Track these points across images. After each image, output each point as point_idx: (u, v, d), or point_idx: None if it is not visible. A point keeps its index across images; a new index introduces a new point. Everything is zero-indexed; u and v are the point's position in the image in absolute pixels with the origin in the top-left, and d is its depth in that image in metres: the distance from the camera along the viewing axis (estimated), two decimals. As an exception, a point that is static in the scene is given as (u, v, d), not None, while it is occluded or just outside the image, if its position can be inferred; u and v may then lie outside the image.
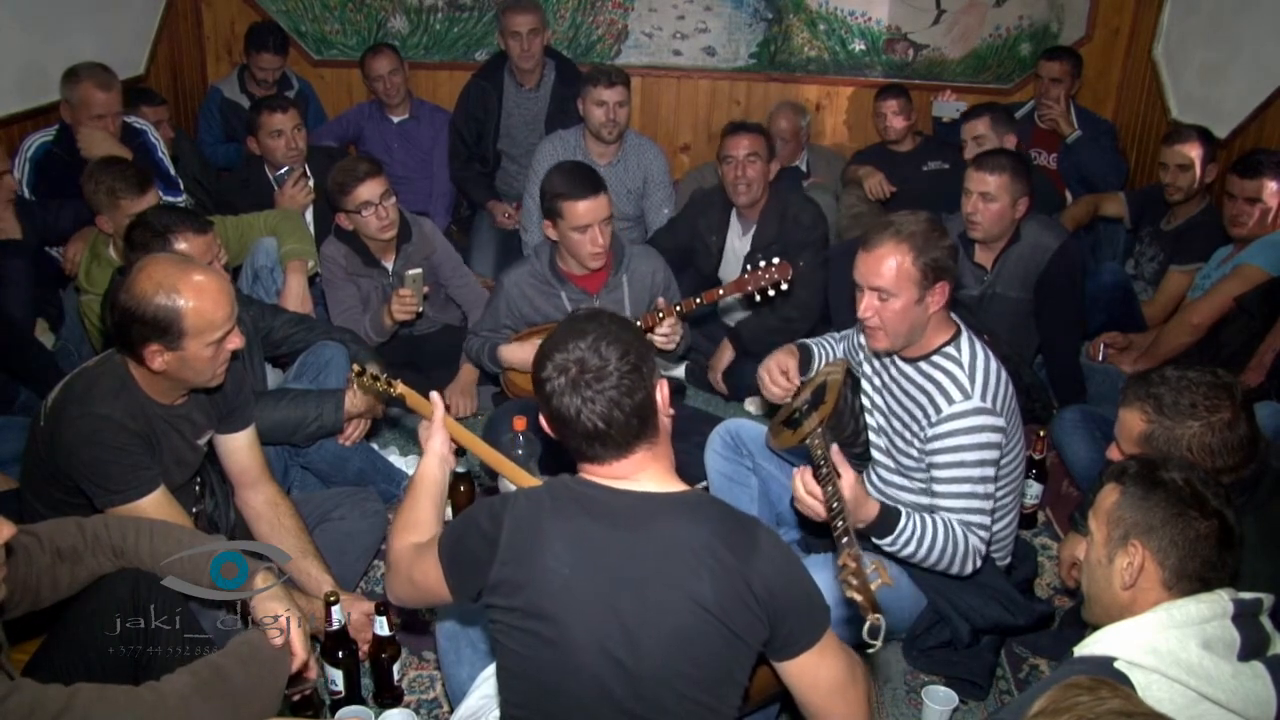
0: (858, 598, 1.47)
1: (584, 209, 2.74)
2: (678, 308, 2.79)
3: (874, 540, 1.97)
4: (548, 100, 4.18)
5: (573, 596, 1.39)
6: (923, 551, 2.00)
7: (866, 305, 2.06)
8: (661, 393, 1.48)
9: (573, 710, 1.43)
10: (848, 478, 1.81)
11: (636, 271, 2.97)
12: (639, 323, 2.80)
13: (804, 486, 1.84)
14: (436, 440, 1.83)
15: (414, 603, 1.71)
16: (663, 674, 1.38)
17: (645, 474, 1.46)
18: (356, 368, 2.46)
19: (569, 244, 2.82)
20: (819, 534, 2.24)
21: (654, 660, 1.38)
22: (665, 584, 1.37)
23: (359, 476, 2.74)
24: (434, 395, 1.91)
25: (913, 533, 1.98)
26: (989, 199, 2.96)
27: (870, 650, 1.45)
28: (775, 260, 2.77)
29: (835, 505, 1.72)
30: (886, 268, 2.01)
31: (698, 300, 2.83)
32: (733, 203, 3.40)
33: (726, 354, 3.41)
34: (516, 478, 2.02)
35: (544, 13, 4.18)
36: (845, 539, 1.61)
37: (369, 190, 3.05)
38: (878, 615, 1.44)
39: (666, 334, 2.77)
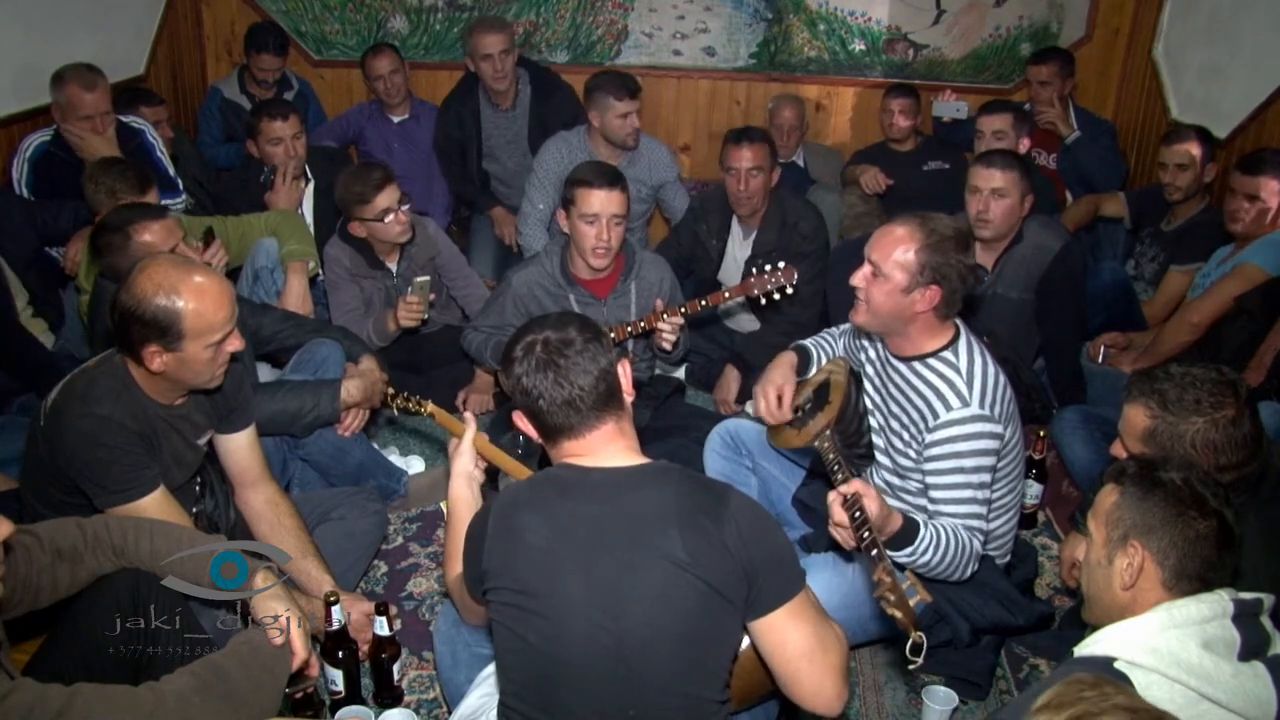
0: (898, 614, 1.48)
1: (596, 198, 2.74)
2: (682, 309, 2.79)
3: (889, 551, 1.92)
4: (526, 119, 4.14)
5: (555, 569, 1.43)
6: (935, 559, 1.96)
7: (861, 275, 2.09)
8: (624, 371, 1.55)
9: (566, 685, 1.45)
10: (870, 495, 1.75)
11: (645, 279, 2.97)
12: (642, 323, 2.80)
13: (835, 516, 1.75)
14: (463, 460, 1.85)
15: (484, 627, 1.73)
16: (649, 638, 1.41)
17: (613, 449, 1.52)
18: (391, 391, 2.47)
19: (576, 235, 2.81)
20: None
21: (639, 625, 1.41)
22: (640, 548, 1.41)
23: (359, 469, 2.75)
24: (467, 415, 1.94)
25: (930, 542, 1.95)
26: (1001, 194, 2.93)
27: (911, 666, 1.47)
28: (780, 264, 2.77)
29: (858, 514, 1.71)
30: (891, 246, 2.03)
31: (702, 302, 2.82)
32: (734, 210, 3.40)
33: (733, 381, 3.37)
34: None
35: (512, 29, 4.14)
36: (874, 551, 1.61)
37: (388, 197, 3.07)
38: (920, 634, 1.45)
39: (669, 328, 2.76)
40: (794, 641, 1.46)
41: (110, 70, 3.38)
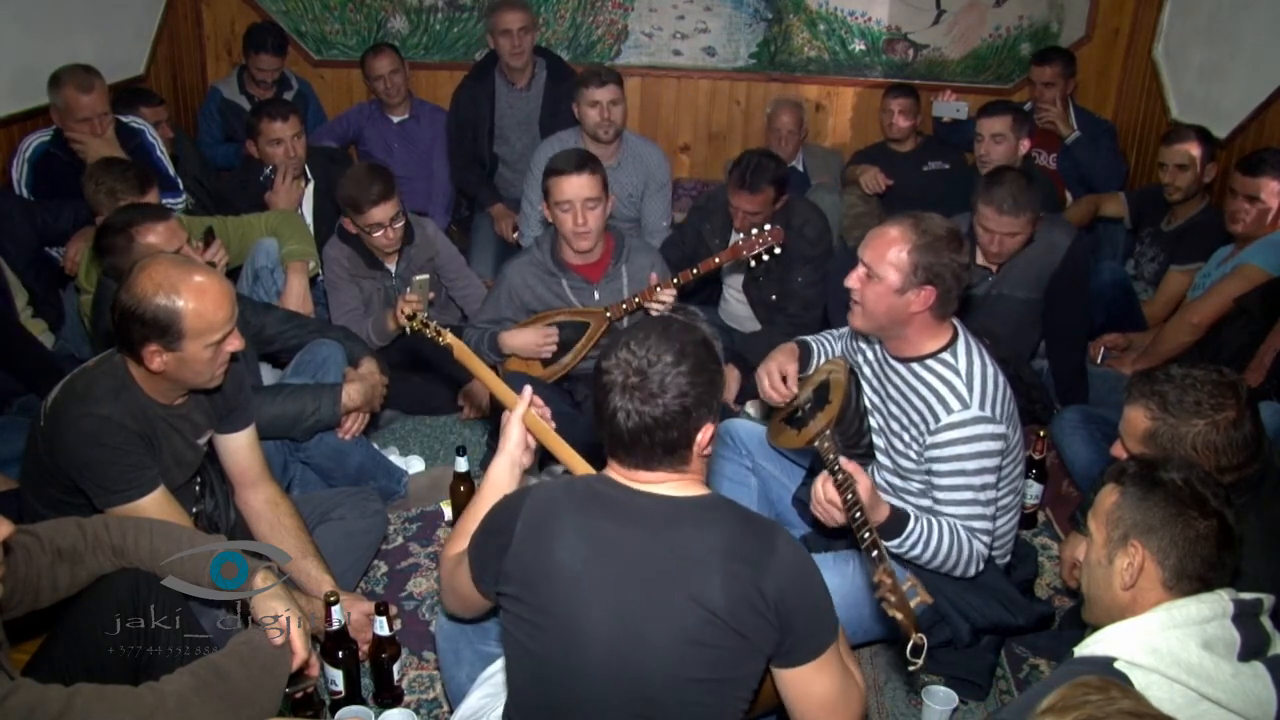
0: (899, 616, 1.48)
1: (567, 185, 2.79)
2: (675, 280, 2.84)
3: (881, 541, 1.96)
4: (540, 100, 4.17)
5: (582, 592, 1.39)
6: (928, 554, 2.00)
7: (855, 276, 2.09)
8: (703, 435, 1.44)
9: (577, 706, 1.43)
10: (863, 481, 1.80)
11: (636, 264, 3.00)
12: (637, 298, 2.84)
13: (824, 493, 1.83)
14: (511, 440, 1.74)
15: (459, 613, 1.72)
16: (671, 674, 1.38)
17: (667, 485, 1.45)
18: (408, 310, 2.44)
19: (558, 223, 2.87)
20: (831, 535, 2.24)
21: (662, 661, 1.38)
22: (676, 587, 1.37)
23: (359, 471, 2.75)
24: (526, 389, 1.80)
25: (920, 535, 1.97)
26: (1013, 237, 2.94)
27: (911, 668, 1.46)
28: (767, 227, 2.83)
29: (858, 515, 1.72)
30: (884, 246, 2.03)
31: (694, 270, 2.87)
32: None
33: (733, 381, 3.35)
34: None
35: (533, 11, 4.17)
36: (875, 552, 1.62)
37: (381, 213, 3.05)
38: (920, 635, 1.45)
39: (664, 302, 2.82)
40: (817, 693, 1.44)
41: (110, 70, 3.37)
